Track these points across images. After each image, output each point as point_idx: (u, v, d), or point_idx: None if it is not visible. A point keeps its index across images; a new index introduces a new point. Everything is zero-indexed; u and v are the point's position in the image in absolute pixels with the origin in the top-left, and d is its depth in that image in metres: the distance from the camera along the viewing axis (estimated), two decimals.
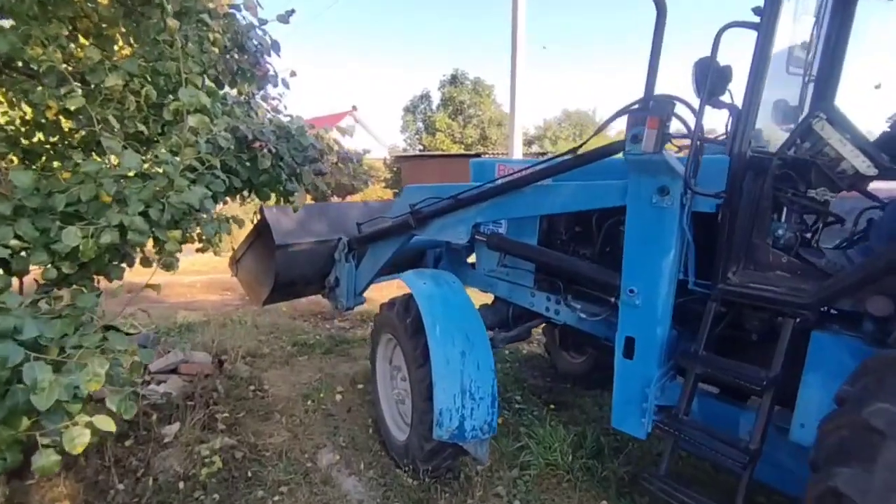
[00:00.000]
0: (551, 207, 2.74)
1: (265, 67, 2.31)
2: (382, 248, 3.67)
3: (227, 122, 2.00)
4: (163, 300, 7.44)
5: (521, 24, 10.67)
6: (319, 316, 6.43)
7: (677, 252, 2.31)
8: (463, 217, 3.03)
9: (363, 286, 4.05)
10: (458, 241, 3.12)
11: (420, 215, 3.20)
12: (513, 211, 2.89)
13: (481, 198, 2.90)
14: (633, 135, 2.18)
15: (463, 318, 2.66)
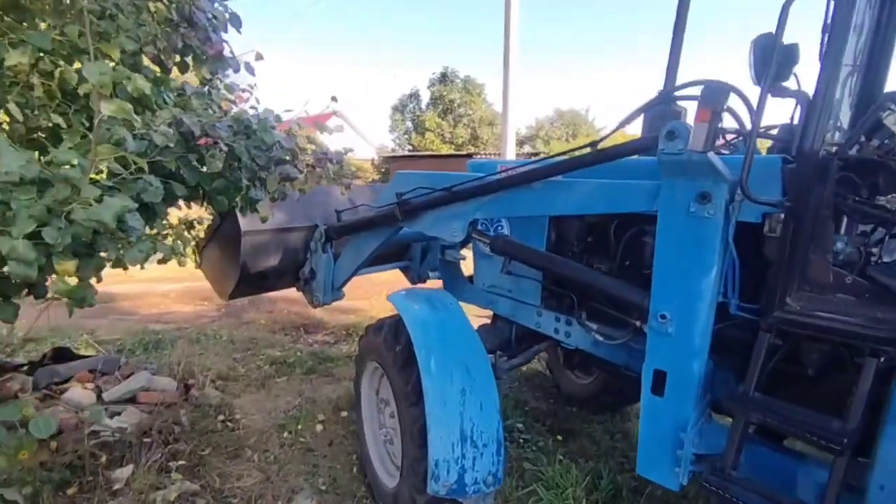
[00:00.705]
0: (563, 207, 2.30)
1: (219, 46, 1.88)
2: (365, 240, 3.22)
3: (172, 113, 1.58)
4: (134, 311, 6.97)
5: (513, 21, 10.31)
6: (301, 329, 5.98)
7: (719, 270, 1.93)
8: (459, 212, 2.60)
9: (342, 280, 3.59)
10: (452, 239, 2.69)
11: (408, 206, 2.75)
12: (518, 209, 2.44)
13: (481, 191, 2.47)
14: (669, 130, 1.80)
15: (463, 349, 2.25)
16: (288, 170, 1.73)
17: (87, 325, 6.09)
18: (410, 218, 2.82)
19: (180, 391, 3.74)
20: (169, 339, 5.25)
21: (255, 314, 6.57)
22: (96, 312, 6.96)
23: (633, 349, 2.43)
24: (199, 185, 1.70)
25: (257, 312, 6.68)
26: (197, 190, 1.77)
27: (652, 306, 2.05)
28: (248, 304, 7.28)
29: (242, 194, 1.79)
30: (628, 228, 2.43)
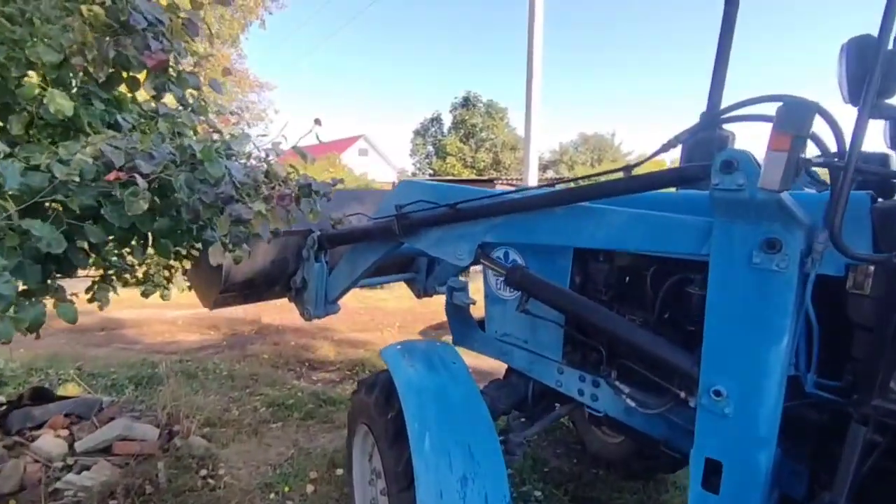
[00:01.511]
0: (592, 239, 1.90)
1: (160, 56, 1.57)
2: (362, 252, 2.87)
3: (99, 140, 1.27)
4: (138, 340, 6.75)
5: (537, 44, 10.08)
6: (306, 364, 5.64)
7: (792, 337, 1.51)
8: (466, 232, 2.24)
9: (337, 293, 3.19)
10: (457, 262, 2.32)
11: (407, 221, 2.41)
12: (536, 235, 2.07)
13: (493, 211, 2.11)
14: (725, 160, 1.41)
15: (466, 425, 1.84)
16: (239, 209, 1.41)
17: (87, 355, 5.88)
18: (410, 234, 2.46)
19: (162, 440, 3.40)
20: (165, 373, 4.96)
21: (260, 346, 6.26)
22: (101, 340, 6.78)
23: (675, 424, 2.00)
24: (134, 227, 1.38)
25: (262, 344, 6.38)
26: (134, 232, 1.46)
27: (702, 378, 1.63)
28: (255, 334, 7.00)
29: (195, 236, 1.48)
30: (668, 275, 2.02)
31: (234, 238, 1.48)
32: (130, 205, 1.18)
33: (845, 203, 1.23)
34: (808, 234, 1.45)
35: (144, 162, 1.24)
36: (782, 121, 1.16)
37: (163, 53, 1.53)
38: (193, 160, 1.33)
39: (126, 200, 1.18)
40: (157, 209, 1.37)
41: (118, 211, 1.22)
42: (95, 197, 1.25)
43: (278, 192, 1.53)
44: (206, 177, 1.32)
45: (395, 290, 10.27)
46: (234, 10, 26.91)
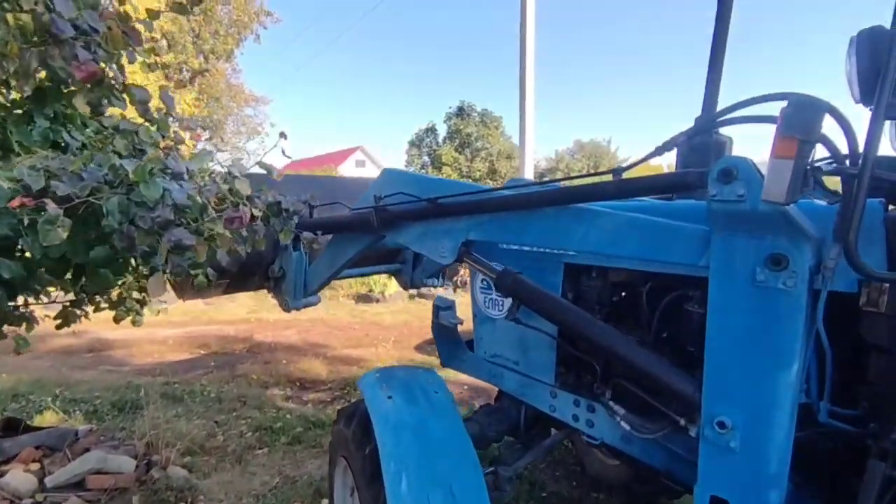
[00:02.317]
0: (583, 242, 1.76)
1: (91, 67, 1.43)
2: (343, 243, 2.71)
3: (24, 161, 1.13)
4: (126, 362, 6.58)
5: (529, 51, 10.02)
6: (297, 384, 5.47)
7: (802, 363, 1.37)
8: (450, 228, 2.09)
9: (317, 284, 3.04)
10: (440, 259, 2.18)
11: (386, 214, 2.26)
12: (524, 235, 1.94)
13: (478, 208, 1.97)
14: (723, 169, 1.28)
15: (447, 463, 1.69)
16: (179, 235, 1.26)
17: (72, 379, 5.71)
18: (390, 228, 2.32)
19: (139, 471, 3.23)
20: (150, 397, 4.79)
21: (251, 365, 6.09)
22: (87, 363, 6.61)
23: (674, 454, 1.85)
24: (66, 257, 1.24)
25: (253, 363, 6.21)
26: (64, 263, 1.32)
27: (705, 407, 1.48)
28: (246, 352, 6.84)
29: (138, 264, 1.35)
30: (668, 290, 1.88)
31: (174, 267, 1.34)
32: (45, 234, 1.04)
33: (861, 215, 1.09)
34: (817, 249, 1.31)
35: (63, 184, 1.11)
36: (788, 123, 1.02)
37: (94, 64, 1.40)
38: (125, 179, 1.20)
39: (41, 230, 1.04)
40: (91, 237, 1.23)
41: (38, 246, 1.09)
42: (13, 226, 1.12)
43: (226, 215, 1.39)
44: (143, 199, 1.18)
45: (391, 304, 10.13)
46: (228, 25, 27.06)
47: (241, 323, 8.62)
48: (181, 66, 25.10)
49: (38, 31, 1.31)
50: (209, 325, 8.52)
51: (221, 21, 26.59)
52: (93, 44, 1.43)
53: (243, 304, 10.34)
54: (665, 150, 1.67)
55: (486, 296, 2.51)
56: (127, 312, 2.61)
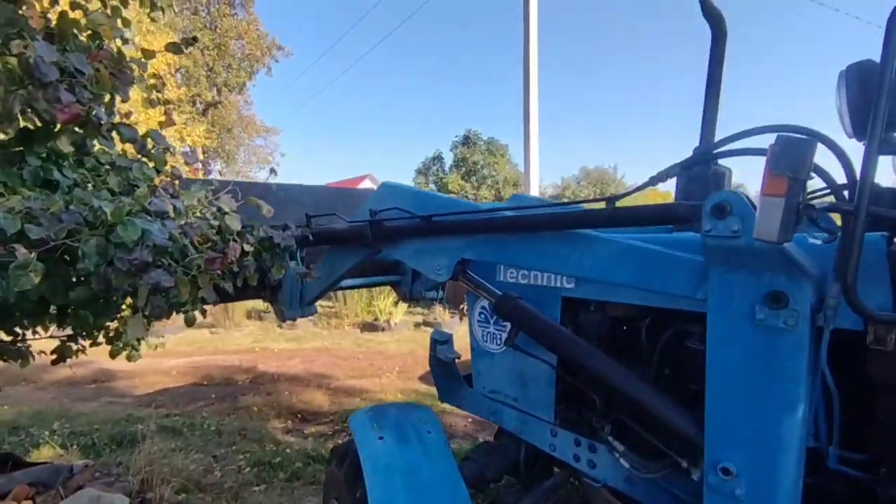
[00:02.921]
0: (577, 267, 1.70)
1: (74, 109, 1.43)
2: (340, 255, 2.66)
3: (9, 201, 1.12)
4: (128, 392, 6.53)
5: (532, 80, 10.16)
6: (299, 416, 5.38)
7: (808, 405, 1.30)
8: (445, 246, 2.05)
9: (314, 295, 2.96)
10: (436, 277, 2.13)
11: (381, 229, 2.23)
12: (519, 258, 1.89)
13: (473, 228, 1.94)
14: (716, 204, 1.25)
15: None
16: (157, 277, 1.24)
17: (73, 411, 5.66)
18: (384, 242, 2.28)
19: None
20: (149, 430, 4.73)
21: (253, 397, 6.01)
22: (89, 394, 6.56)
23: (675, 497, 1.76)
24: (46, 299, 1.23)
25: (255, 395, 6.13)
26: (43, 305, 1.30)
27: (708, 452, 1.42)
28: (249, 383, 6.77)
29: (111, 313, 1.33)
30: (667, 326, 1.82)
31: (154, 310, 1.32)
32: (17, 279, 1.02)
33: (859, 253, 1.04)
34: (819, 287, 1.26)
35: (37, 228, 1.10)
36: (777, 161, 0.99)
37: (77, 106, 1.40)
38: (96, 220, 1.18)
39: (12, 275, 1.02)
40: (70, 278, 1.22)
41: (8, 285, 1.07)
42: None
43: (207, 256, 1.37)
44: (122, 241, 1.17)
45: (396, 332, 10.04)
46: (241, 59, 27.85)
47: (245, 353, 8.57)
48: (194, 98, 25.76)
49: (24, 75, 1.33)
50: (214, 354, 8.48)
51: (235, 55, 27.40)
52: (77, 85, 1.44)
53: (249, 333, 10.32)
54: (660, 180, 1.64)
55: (484, 329, 2.46)
56: (123, 347, 2.58)
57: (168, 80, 13.79)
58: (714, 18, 2.15)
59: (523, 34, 10.28)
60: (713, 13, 2.15)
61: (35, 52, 1.27)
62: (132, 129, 1.72)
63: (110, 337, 2.45)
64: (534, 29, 10.14)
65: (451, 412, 4.79)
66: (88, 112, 1.49)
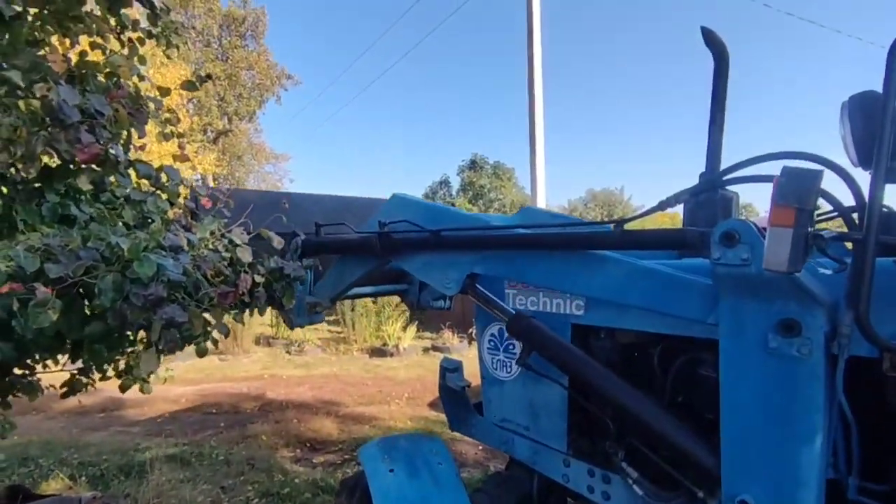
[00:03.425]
0: (587, 287, 1.69)
1: (94, 149, 1.48)
2: (350, 264, 2.63)
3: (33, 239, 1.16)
4: (137, 421, 6.51)
5: (538, 102, 10.29)
6: (307, 445, 5.32)
7: (827, 435, 1.28)
8: (454, 260, 2.04)
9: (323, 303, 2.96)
10: (445, 290, 2.11)
11: (389, 241, 2.21)
12: (529, 274, 1.87)
13: (481, 244, 1.93)
14: (724, 232, 1.25)
15: None
16: (171, 312, 1.27)
17: (82, 441, 5.65)
18: (393, 254, 2.26)
19: None
20: (158, 460, 4.70)
21: (261, 425, 5.97)
22: (98, 423, 6.55)
23: None
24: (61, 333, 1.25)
25: (264, 423, 6.09)
26: (60, 340, 1.32)
27: (725, 485, 1.39)
28: (258, 411, 6.73)
29: (124, 348, 1.35)
30: (680, 353, 1.80)
31: (168, 344, 1.34)
32: (35, 317, 1.04)
33: (870, 282, 1.04)
34: (832, 314, 1.25)
35: (56, 266, 1.12)
36: (783, 192, 1.00)
37: (97, 146, 1.45)
38: (112, 256, 1.21)
39: (31, 313, 1.05)
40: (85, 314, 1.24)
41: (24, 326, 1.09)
42: (6, 307, 1.13)
43: (220, 290, 1.39)
44: (137, 276, 1.20)
45: (405, 357, 9.99)
46: (251, 88, 28.53)
47: (254, 380, 8.55)
48: (206, 127, 26.31)
49: (47, 116, 1.39)
50: (222, 382, 8.46)
51: (245, 85, 28.09)
52: (97, 126, 1.49)
53: (258, 359, 10.30)
54: (669, 205, 1.64)
55: (494, 357, 2.45)
56: (133, 381, 2.59)
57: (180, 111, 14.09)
58: (716, 46, 2.19)
59: (527, 61, 10.47)
60: (715, 41, 2.18)
61: (58, 96, 1.32)
62: (148, 165, 1.77)
63: (121, 371, 2.47)
64: (538, 54, 10.33)
65: (461, 440, 4.74)
66: (107, 151, 1.54)
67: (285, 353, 10.73)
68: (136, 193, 1.99)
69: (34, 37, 1.91)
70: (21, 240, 1.19)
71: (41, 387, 2.17)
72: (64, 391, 2.27)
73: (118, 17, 2.03)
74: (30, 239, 1.19)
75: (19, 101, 1.36)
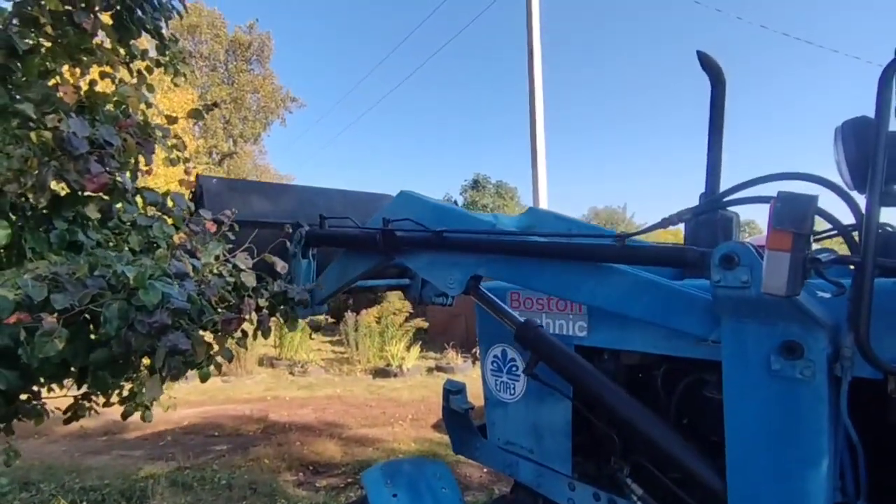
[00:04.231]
0: (591, 296, 1.68)
1: (103, 178, 1.51)
2: (352, 259, 2.61)
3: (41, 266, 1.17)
4: (139, 445, 6.47)
5: (539, 125, 10.40)
6: (310, 468, 5.27)
7: (833, 459, 1.27)
8: (458, 261, 2.03)
9: (325, 295, 2.90)
10: (448, 290, 2.09)
11: (392, 239, 2.21)
12: (533, 280, 1.86)
13: (485, 248, 1.92)
14: (724, 255, 1.26)
15: None
16: (175, 339, 1.28)
17: (84, 465, 5.61)
18: (396, 251, 2.25)
19: None
20: (159, 485, 4.66)
21: (264, 448, 5.91)
22: (100, 447, 6.51)
23: None
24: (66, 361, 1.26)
25: (267, 445, 6.03)
26: (64, 368, 1.34)
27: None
28: (260, 433, 6.68)
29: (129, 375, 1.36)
30: (683, 375, 1.80)
31: (171, 371, 1.34)
32: (42, 346, 1.06)
33: (869, 304, 1.05)
34: (834, 336, 1.25)
35: (62, 296, 1.14)
36: (779, 217, 1.01)
37: (106, 175, 1.48)
38: (119, 284, 1.23)
39: (37, 342, 1.06)
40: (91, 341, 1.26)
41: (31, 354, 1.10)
42: (13, 335, 1.14)
43: (224, 317, 1.40)
44: (143, 304, 1.21)
45: (408, 378, 9.92)
46: (256, 111, 28.95)
47: (257, 402, 8.49)
48: (211, 149, 26.63)
49: (57, 147, 1.42)
50: (225, 404, 8.41)
51: (250, 108, 28.51)
52: (106, 156, 1.53)
53: (261, 381, 10.25)
54: (670, 223, 1.65)
55: (497, 378, 2.44)
56: (136, 407, 2.58)
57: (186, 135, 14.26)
58: (712, 69, 2.23)
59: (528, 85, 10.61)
60: (711, 64, 2.22)
61: (68, 128, 1.36)
62: (155, 192, 1.80)
63: (124, 397, 2.47)
64: (538, 75, 10.47)
65: (465, 462, 4.68)
66: (115, 180, 1.57)
67: (288, 373, 10.68)
68: (143, 219, 2.02)
69: (45, 67, 1.97)
70: (29, 268, 1.21)
71: (46, 411, 2.17)
72: (67, 416, 2.27)
73: (127, 48, 2.09)
74: (38, 267, 1.22)
75: (31, 132, 1.40)
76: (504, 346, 2.40)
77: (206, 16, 26.47)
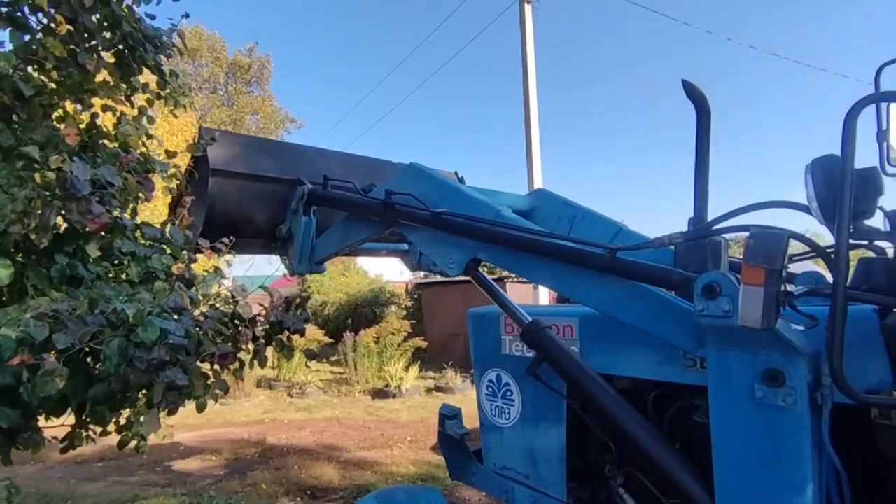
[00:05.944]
0: (586, 297, 1.70)
1: (103, 219, 1.54)
2: (354, 223, 2.61)
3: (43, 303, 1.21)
4: (135, 471, 6.40)
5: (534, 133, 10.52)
6: (309, 493, 5.22)
7: (818, 485, 1.29)
8: (459, 243, 2.03)
9: (324, 256, 2.89)
10: (448, 270, 2.10)
11: (392, 212, 2.21)
12: (531, 273, 1.89)
13: (486, 236, 1.93)
14: (706, 285, 1.30)
15: None
16: (173, 375, 1.31)
17: (80, 491, 5.56)
18: (395, 225, 2.26)
19: None
20: None
21: (262, 472, 5.86)
22: (97, 473, 6.44)
23: None
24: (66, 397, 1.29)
25: (265, 470, 5.98)
26: (64, 403, 1.36)
27: None
28: (258, 457, 6.62)
29: (127, 410, 1.39)
30: (673, 399, 1.83)
31: (169, 405, 1.37)
32: (43, 385, 1.09)
33: (841, 339, 1.08)
34: (814, 364, 1.28)
35: (64, 336, 1.18)
36: (752, 253, 1.06)
37: (107, 216, 1.53)
38: (118, 320, 1.26)
39: (39, 382, 1.09)
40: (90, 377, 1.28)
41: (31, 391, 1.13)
42: (15, 374, 1.17)
43: (221, 350, 1.43)
44: (139, 340, 1.24)
45: (407, 399, 9.86)
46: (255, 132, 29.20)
47: (255, 424, 8.43)
48: None
49: (59, 188, 1.47)
50: (223, 427, 8.35)
51: (250, 129, 28.76)
52: (107, 196, 1.58)
53: (259, 403, 10.19)
54: (661, 244, 1.68)
55: (493, 403, 2.46)
56: (131, 438, 2.58)
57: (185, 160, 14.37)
58: (697, 98, 2.29)
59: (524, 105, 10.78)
60: (696, 93, 2.29)
61: (71, 171, 1.41)
62: (153, 228, 1.85)
63: (121, 426, 2.48)
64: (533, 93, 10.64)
65: (463, 486, 4.64)
66: (115, 219, 1.61)
67: (287, 395, 10.62)
68: (142, 250, 2.06)
69: (49, 102, 2.03)
70: (31, 305, 1.25)
71: (44, 440, 2.19)
72: (64, 444, 2.28)
73: (129, 83, 2.15)
74: (40, 305, 1.25)
75: (35, 173, 1.44)
76: (499, 370, 2.42)
77: (206, 40, 26.87)
